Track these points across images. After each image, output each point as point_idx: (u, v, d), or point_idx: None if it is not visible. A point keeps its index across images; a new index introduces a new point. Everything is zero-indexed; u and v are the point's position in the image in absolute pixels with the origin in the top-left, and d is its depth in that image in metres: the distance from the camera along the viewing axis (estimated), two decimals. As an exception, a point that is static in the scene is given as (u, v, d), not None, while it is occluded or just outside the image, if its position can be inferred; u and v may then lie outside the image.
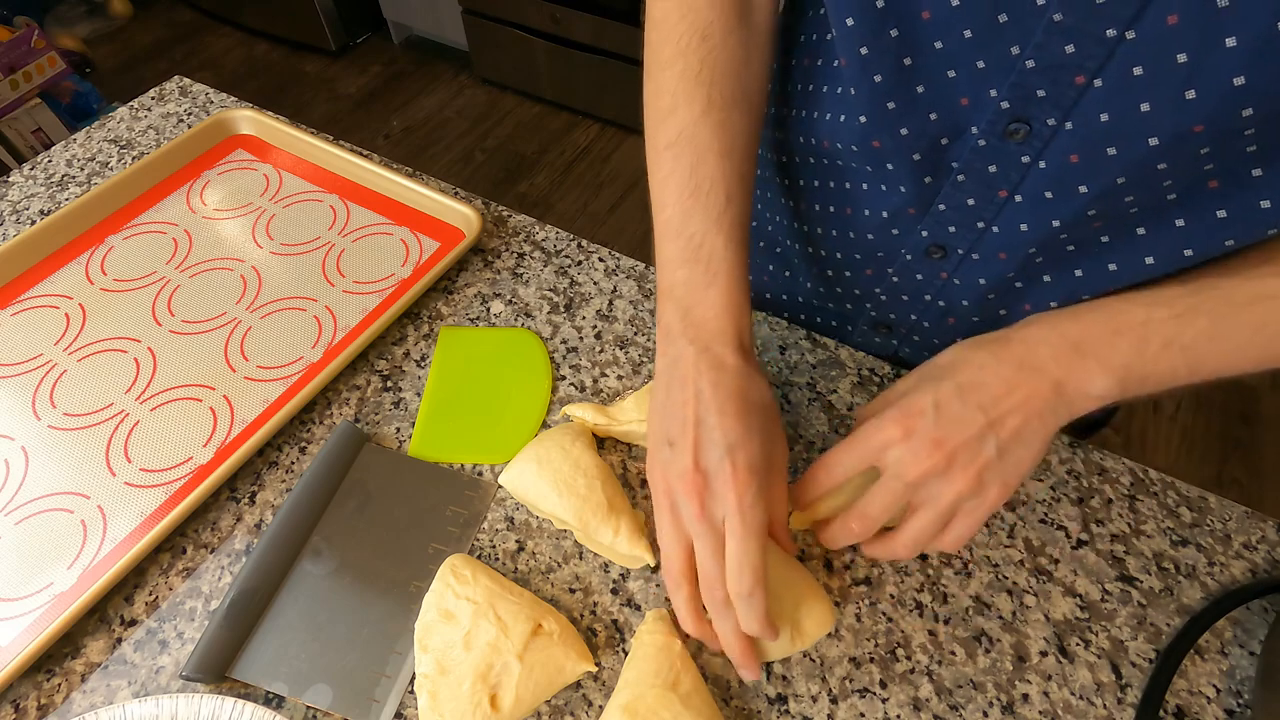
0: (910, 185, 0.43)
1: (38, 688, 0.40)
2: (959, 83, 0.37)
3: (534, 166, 2.05)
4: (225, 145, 0.68)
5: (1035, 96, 0.35)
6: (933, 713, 0.39)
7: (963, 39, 0.35)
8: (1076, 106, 0.34)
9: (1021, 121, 0.36)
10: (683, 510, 0.37)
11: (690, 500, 0.36)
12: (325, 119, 2.19)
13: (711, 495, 0.35)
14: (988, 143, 0.38)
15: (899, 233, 0.46)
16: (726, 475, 0.35)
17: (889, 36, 0.37)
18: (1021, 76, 0.34)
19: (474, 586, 0.41)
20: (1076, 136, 0.35)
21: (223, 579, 0.44)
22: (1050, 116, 0.35)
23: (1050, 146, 0.36)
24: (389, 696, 0.40)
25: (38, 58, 1.74)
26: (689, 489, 0.36)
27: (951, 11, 0.35)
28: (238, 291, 0.57)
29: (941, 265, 0.46)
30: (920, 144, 0.40)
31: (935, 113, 0.39)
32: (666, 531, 0.38)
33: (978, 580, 0.44)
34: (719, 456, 0.35)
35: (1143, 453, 1.46)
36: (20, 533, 0.45)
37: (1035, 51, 0.33)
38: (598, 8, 1.83)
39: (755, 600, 0.35)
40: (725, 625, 0.36)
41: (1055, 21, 0.32)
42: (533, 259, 0.60)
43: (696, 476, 0.36)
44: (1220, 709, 0.39)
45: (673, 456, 0.37)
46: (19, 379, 0.52)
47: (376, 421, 0.51)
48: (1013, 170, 0.38)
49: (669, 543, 0.37)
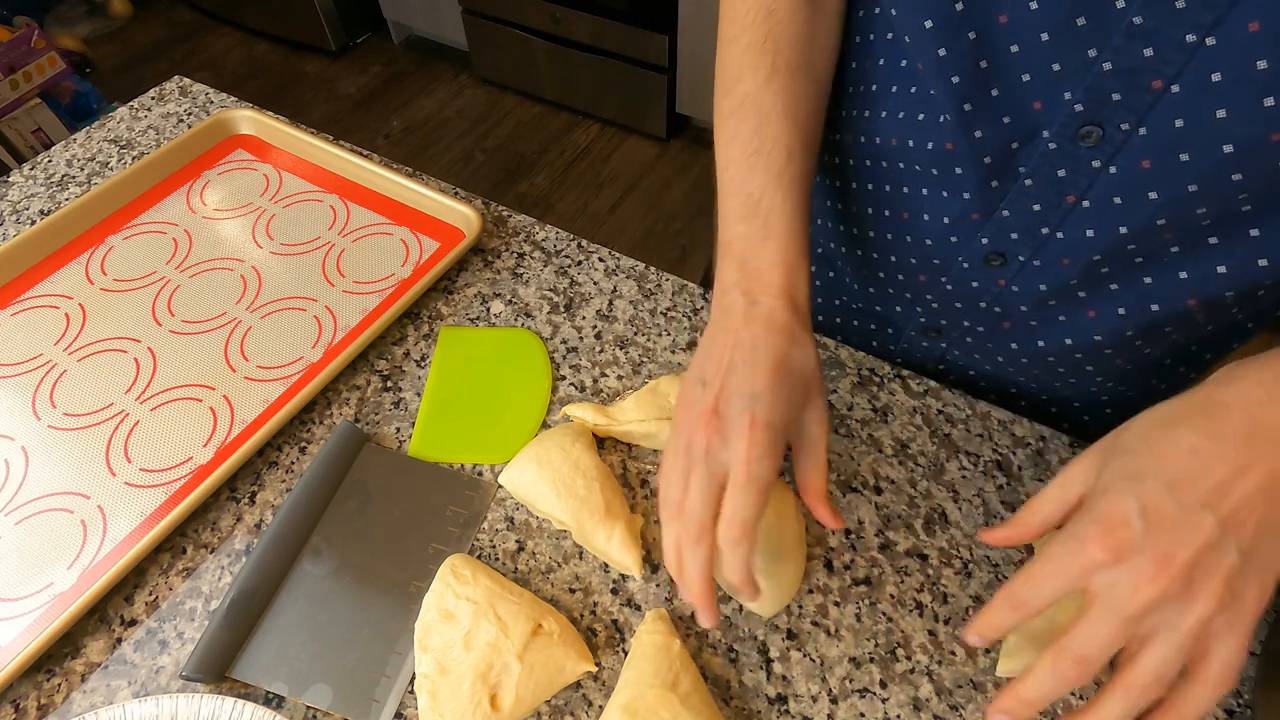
0: (976, 190, 0.42)
1: (38, 688, 0.40)
2: (1033, 86, 0.37)
3: (534, 166, 2.05)
4: (225, 145, 0.68)
5: (1110, 100, 0.34)
6: (933, 713, 0.39)
7: (1039, 41, 0.35)
8: (1152, 111, 0.34)
9: (1094, 125, 0.36)
10: (692, 447, 0.36)
11: (699, 438, 0.36)
12: (325, 119, 2.19)
13: (723, 440, 0.35)
14: (1059, 146, 0.38)
15: (958, 240, 0.46)
16: (742, 425, 0.35)
17: (967, 39, 0.37)
18: (1097, 79, 0.34)
19: (474, 586, 0.41)
20: (1150, 142, 0.35)
21: (223, 579, 0.44)
22: (1124, 121, 0.35)
23: (1122, 151, 0.36)
24: (389, 696, 0.40)
25: (38, 58, 1.74)
26: (703, 428, 0.36)
27: (1029, 15, 0.35)
28: (238, 291, 0.57)
29: (1000, 273, 0.46)
30: (992, 147, 0.40)
31: (1009, 116, 0.38)
32: (675, 464, 0.37)
33: (978, 580, 0.44)
34: (740, 405, 0.35)
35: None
36: (20, 533, 0.45)
37: (1112, 54, 0.33)
38: (598, 8, 1.83)
39: (739, 551, 0.34)
40: (693, 563, 0.35)
41: (1135, 24, 0.32)
42: (533, 259, 0.60)
43: (714, 418, 0.36)
44: (1220, 709, 0.39)
45: (700, 396, 0.37)
46: (19, 379, 0.52)
47: (376, 421, 0.51)
48: (1082, 175, 0.38)
49: (675, 476, 0.37)
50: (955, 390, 0.52)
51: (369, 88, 2.29)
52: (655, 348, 0.54)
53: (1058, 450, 0.49)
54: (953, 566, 0.44)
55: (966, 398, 0.52)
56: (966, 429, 0.50)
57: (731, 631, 0.42)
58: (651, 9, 1.77)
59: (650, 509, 0.46)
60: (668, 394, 0.48)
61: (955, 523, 0.46)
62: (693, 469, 0.36)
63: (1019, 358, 0.51)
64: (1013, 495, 0.47)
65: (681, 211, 1.92)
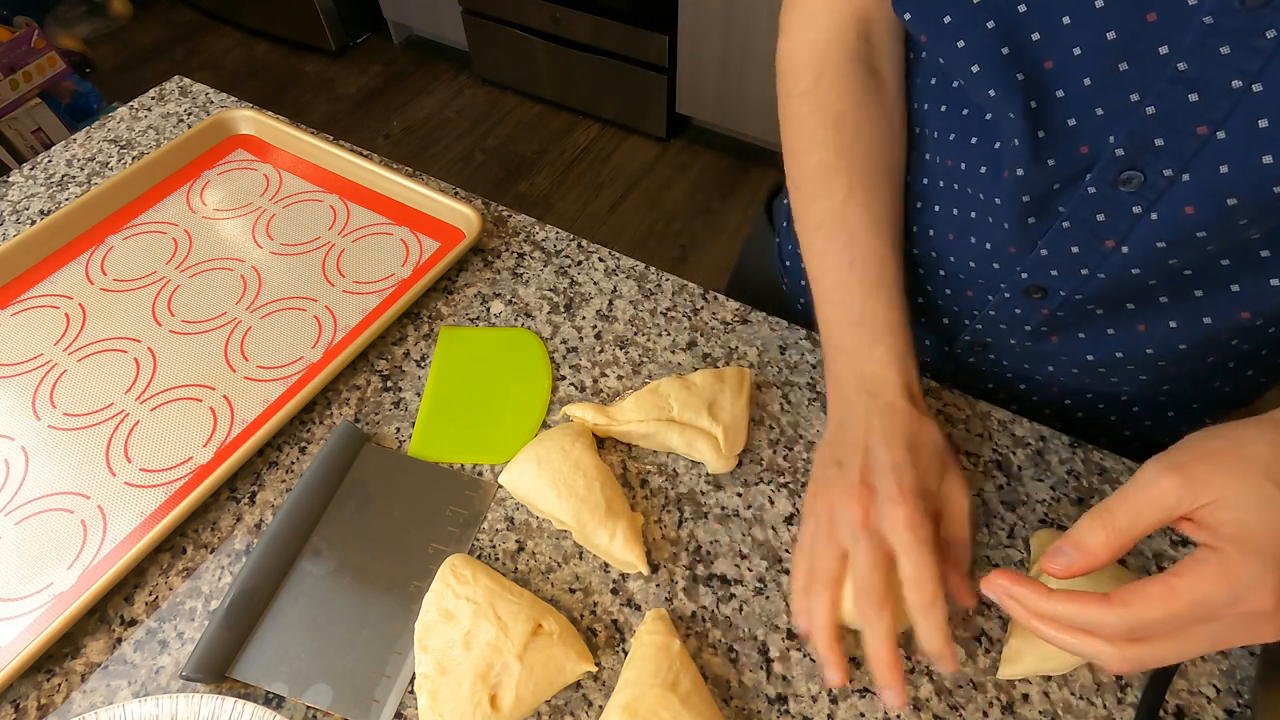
0: (1014, 224, 0.42)
1: (38, 688, 0.40)
2: (1078, 131, 0.36)
3: (534, 166, 2.05)
4: (225, 145, 0.68)
5: (1153, 145, 0.34)
6: (933, 713, 0.39)
7: (1082, 87, 0.35)
8: (1196, 157, 0.33)
9: (1136, 170, 0.35)
10: (842, 519, 0.37)
11: (854, 508, 0.37)
12: (325, 119, 2.19)
13: (877, 509, 0.36)
14: (1098, 190, 0.37)
15: (999, 267, 0.45)
16: (893, 491, 0.36)
17: (1016, 80, 0.37)
18: (1140, 124, 0.34)
19: (474, 586, 0.41)
20: (1194, 188, 0.34)
21: (223, 579, 0.44)
22: (1167, 167, 0.34)
23: (1164, 197, 0.35)
24: (389, 696, 0.40)
25: (38, 58, 1.74)
26: (854, 499, 0.37)
27: (1073, 60, 0.34)
28: (238, 291, 0.57)
29: (1042, 304, 0.45)
30: (1034, 187, 0.40)
31: (1054, 159, 0.38)
32: (820, 539, 0.38)
33: (978, 580, 0.44)
34: (885, 475, 0.37)
35: (1143, 453, 1.46)
36: (20, 533, 0.45)
37: (1156, 100, 0.32)
38: (598, 8, 1.83)
39: (936, 612, 0.34)
40: (876, 633, 0.35)
41: (1179, 70, 0.31)
42: (533, 259, 0.60)
43: (863, 489, 0.37)
44: (1220, 709, 0.39)
45: (839, 475, 0.38)
46: (19, 379, 0.52)
47: (376, 421, 0.51)
48: (1121, 220, 0.37)
49: (822, 550, 0.38)
50: (955, 390, 0.52)
51: (369, 88, 2.29)
52: (655, 348, 0.54)
53: (1058, 450, 0.49)
54: (953, 566, 0.44)
55: (966, 398, 0.52)
56: (966, 429, 0.50)
57: (731, 631, 0.42)
58: (651, 9, 1.77)
59: (650, 508, 0.46)
60: (668, 395, 0.48)
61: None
62: (854, 542, 0.37)
63: (1069, 368, 0.50)
64: (1013, 495, 0.47)
65: (681, 211, 1.92)
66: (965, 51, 0.39)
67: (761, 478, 0.48)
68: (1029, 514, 0.46)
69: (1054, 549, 0.32)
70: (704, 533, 0.46)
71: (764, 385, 0.52)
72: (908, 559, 0.35)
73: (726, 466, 0.47)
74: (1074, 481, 0.48)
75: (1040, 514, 0.46)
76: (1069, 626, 0.31)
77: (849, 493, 0.37)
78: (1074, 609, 0.30)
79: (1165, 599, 0.28)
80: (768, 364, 0.53)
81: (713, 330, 0.55)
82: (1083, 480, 0.48)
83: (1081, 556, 0.31)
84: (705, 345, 0.54)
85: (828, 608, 0.37)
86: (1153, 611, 0.29)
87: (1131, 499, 0.30)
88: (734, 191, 1.97)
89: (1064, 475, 0.48)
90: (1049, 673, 0.40)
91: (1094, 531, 0.31)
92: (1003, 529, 0.46)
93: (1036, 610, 0.31)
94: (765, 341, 0.55)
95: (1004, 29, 0.36)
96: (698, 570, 0.44)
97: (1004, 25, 0.36)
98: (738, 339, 0.55)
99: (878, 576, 0.36)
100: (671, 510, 0.47)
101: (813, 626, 0.37)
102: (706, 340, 0.55)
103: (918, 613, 0.35)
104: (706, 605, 0.43)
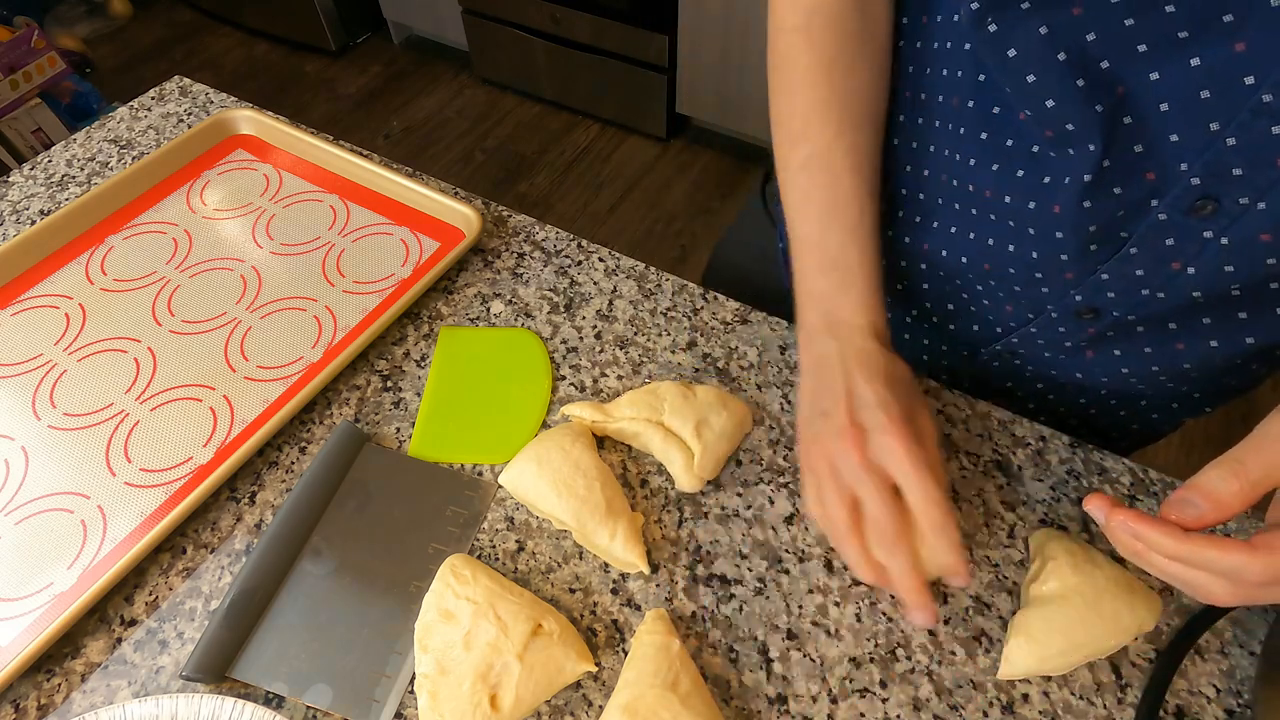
0: (1074, 254, 0.41)
1: (38, 688, 0.40)
2: (1146, 156, 0.36)
3: (534, 166, 2.05)
4: (225, 145, 0.68)
5: (1230, 175, 0.33)
6: (933, 713, 0.39)
7: (1157, 112, 0.34)
8: (1274, 188, 0.33)
9: (1210, 199, 0.35)
10: (843, 463, 0.38)
11: (852, 451, 0.37)
12: (325, 119, 2.19)
13: (872, 445, 0.37)
14: (1169, 218, 0.36)
15: (1048, 291, 0.44)
16: (884, 423, 0.37)
17: (1095, 112, 0.36)
18: (1219, 154, 0.33)
19: (474, 586, 0.41)
20: (1269, 215, 0.34)
21: (223, 579, 0.44)
22: (1243, 196, 0.34)
23: (1237, 223, 0.35)
24: (389, 696, 0.40)
25: (38, 58, 1.74)
26: (849, 442, 0.38)
27: (1149, 85, 0.34)
28: (238, 291, 0.57)
29: (1090, 323, 0.45)
30: (1100, 218, 0.39)
31: (1120, 187, 0.37)
32: (828, 491, 0.39)
33: (978, 580, 0.44)
34: (873, 411, 0.37)
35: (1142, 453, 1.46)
36: (20, 533, 0.45)
37: (1238, 130, 0.32)
38: (598, 8, 1.82)
39: (948, 532, 0.35)
40: (901, 566, 0.37)
41: (1264, 102, 0.31)
42: (533, 259, 0.60)
43: (854, 430, 0.38)
44: (1220, 709, 0.39)
45: (826, 423, 0.39)
46: (19, 379, 0.52)
47: (376, 421, 0.51)
48: (1191, 244, 0.37)
49: (832, 502, 0.39)
50: (955, 390, 0.52)
51: (369, 88, 2.29)
52: (655, 348, 0.54)
53: (1058, 450, 0.49)
54: (953, 566, 0.44)
55: (966, 398, 0.52)
56: (966, 429, 0.50)
57: (731, 631, 0.42)
58: (651, 9, 1.77)
59: (650, 508, 0.46)
60: (664, 398, 0.48)
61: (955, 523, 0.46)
62: (858, 482, 0.37)
63: (1099, 376, 0.50)
64: (1013, 495, 0.47)
65: (681, 211, 1.92)
66: (1037, 86, 0.37)
67: (761, 478, 0.48)
68: (1029, 514, 0.46)
69: (1178, 499, 0.31)
70: (704, 533, 0.46)
71: (764, 385, 0.52)
72: (913, 486, 0.36)
73: (692, 485, 0.46)
74: (1074, 481, 0.48)
75: (1040, 514, 0.46)
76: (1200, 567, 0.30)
77: (842, 435, 0.38)
78: (1216, 554, 0.29)
79: None
80: (768, 364, 0.53)
81: (713, 330, 0.55)
82: (1083, 480, 0.48)
83: (1213, 508, 0.30)
84: (705, 345, 0.54)
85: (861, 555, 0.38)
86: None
87: (1265, 450, 0.29)
88: (734, 191, 1.97)
89: (1064, 475, 0.48)
90: (1049, 673, 0.40)
91: (1225, 481, 0.29)
92: (1003, 529, 0.46)
93: (1169, 551, 0.31)
94: (765, 341, 0.55)
95: (1075, 60, 0.35)
96: (698, 570, 0.44)
97: (1074, 57, 0.35)
98: (738, 339, 0.55)
99: (887, 512, 0.36)
100: (671, 510, 0.47)
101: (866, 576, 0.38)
102: (706, 340, 0.55)
103: (931, 533, 0.36)
104: (706, 605, 0.43)
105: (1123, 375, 0.49)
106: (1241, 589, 0.30)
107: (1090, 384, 0.52)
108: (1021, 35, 0.36)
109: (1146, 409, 0.55)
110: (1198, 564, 0.30)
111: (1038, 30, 0.36)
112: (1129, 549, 0.33)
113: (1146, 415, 0.55)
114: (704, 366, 0.53)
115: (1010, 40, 0.37)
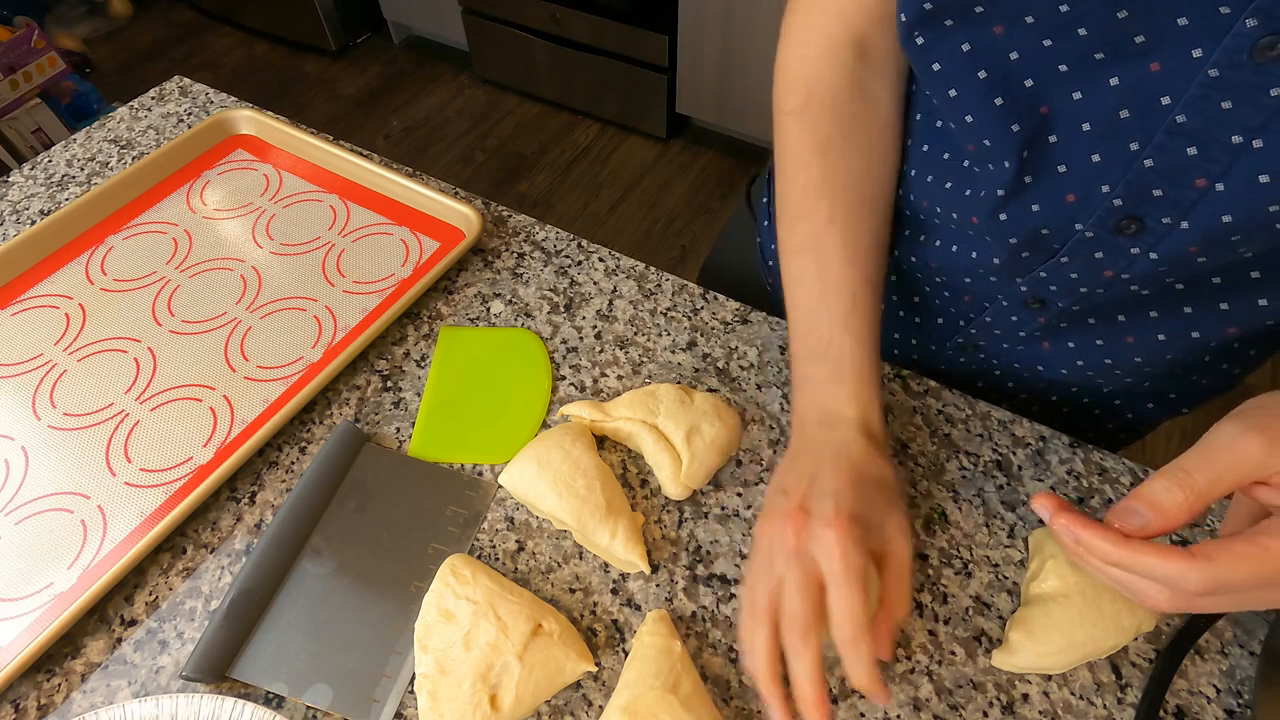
0: (1007, 258, 0.42)
1: (38, 688, 0.40)
2: (1067, 177, 0.36)
3: (534, 166, 2.05)
4: (225, 145, 0.68)
5: (1151, 195, 0.34)
6: (933, 713, 0.39)
7: (1080, 133, 0.34)
8: (1195, 208, 0.33)
9: (1134, 219, 0.35)
10: (777, 545, 0.36)
11: (787, 532, 0.36)
12: (325, 119, 2.19)
13: (810, 533, 0.35)
14: (1096, 235, 0.37)
15: (996, 281, 0.45)
16: (828, 515, 0.35)
17: (1011, 131, 0.36)
18: (1138, 175, 0.33)
19: (474, 586, 0.41)
20: (1194, 232, 0.34)
21: (223, 579, 0.44)
22: (1166, 215, 0.34)
23: (1164, 241, 0.35)
24: (389, 696, 0.40)
25: (38, 58, 1.74)
26: (789, 523, 0.36)
27: (1072, 105, 0.34)
28: (238, 291, 0.57)
29: (1039, 313, 0.45)
30: (1020, 231, 0.40)
31: (1038, 204, 0.38)
32: (758, 568, 0.37)
33: (978, 580, 0.44)
34: (824, 501, 0.36)
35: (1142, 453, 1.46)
36: (20, 533, 0.45)
37: (1155, 151, 0.32)
38: (598, 8, 1.82)
39: (861, 649, 0.33)
40: (804, 665, 0.34)
41: (1178, 123, 0.31)
42: (533, 259, 0.60)
43: (799, 513, 0.36)
44: (1220, 709, 0.39)
45: (782, 501, 0.38)
46: (19, 379, 0.52)
47: (376, 421, 0.51)
48: (1119, 258, 0.37)
49: (756, 578, 0.37)
50: (955, 390, 0.52)
51: (369, 88, 2.29)
52: (655, 348, 0.54)
53: (1058, 450, 0.49)
54: (953, 567, 0.44)
55: (966, 398, 0.52)
56: (966, 429, 0.50)
57: (731, 632, 0.42)
58: (651, 9, 1.77)
59: (650, 508, 0.46)
60: (661, 400, 0.48)
61: (955, 523, 0.46)
62: (786, 568, 0.35)
63: (1059, 369, 0.51)
64: (1013, 495, 0.47)
65: (681, 211, 1.92)
66: (958, 101, 0.38)
67: (761, 478, 0.48)
68: (1029, 514, 0.46)
69: (1123, 508, 0.30)
70: (704, 533, 0.46)
71: (764, 385, 0.52)
72: (834, 590, 0.34)
73: (678, 493, 0.46)
74: (1074, 481, 0.48)
75: (1040, 514, 0.46)
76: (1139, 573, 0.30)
77: (787, 517, 0.36)
78: (1154, 561, 0.29)
79: (1255, 559, 0.27)
80: (768, 364, 0.53)
81: (713, 330, 0.55)
82: (1083, 480, 0.48)
83: (1157, 517, 0.29)
84: (705, 345, 0.54)
85: (765, 643, 0.35)
86: (1240, 571, 0.28)
87: (1211, 460, 0.29)
88: (734, 191, 1.97)
89: (1064, 475, 0.48)
90: (1048, 671, 0.40)
91: (1170, 492, 0.29)
92: (1003, 529, 0.46)
93: (1108, 557, 0.30)
94: (765, 341, 0.55)
95: (996, 79, 0.36)
96: (698, 570, 0.44)
97: (996, 75, 0.36)
98: (738, 339, 0.55)
99: (804, 604, 0.34)
100: (671, 510, 0.47)
101: (751, 665, 0.35)
102: (706, 340, 0.55)
103: (841, 647, 0.33)
104: (706, 605, 0.43)
105: (1079, 368, 0.49)
106: (1180, 597, 0.29)
107: (1056, 379, 0.52)
108: (945, 51, 0.37)
109: (1121, 408, 0.55)
110: (1137, 570, 0.30)
111: (960, 47, 0.36)
112: (1072, 552, 0.32)
113: (1122, 414, 0.56)
114: (704, 366, 0.53)
115: (935, 55, 0.38)
